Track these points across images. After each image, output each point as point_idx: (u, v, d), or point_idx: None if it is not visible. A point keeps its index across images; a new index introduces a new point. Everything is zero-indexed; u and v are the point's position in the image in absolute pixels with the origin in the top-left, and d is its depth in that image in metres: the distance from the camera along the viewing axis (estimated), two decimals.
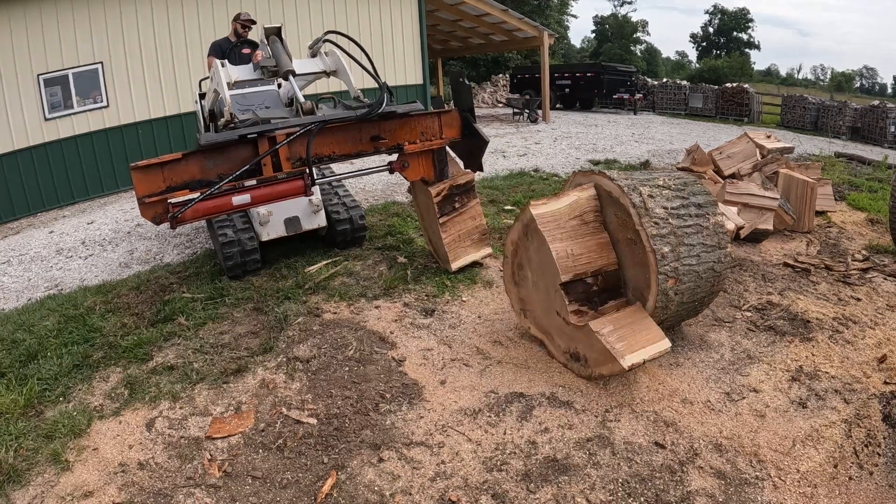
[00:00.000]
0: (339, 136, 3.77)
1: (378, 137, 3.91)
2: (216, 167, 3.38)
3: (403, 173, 4.15)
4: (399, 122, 3.98)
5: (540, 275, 3.37)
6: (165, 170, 3.25)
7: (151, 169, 3.20)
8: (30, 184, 8.45)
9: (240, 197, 3.40)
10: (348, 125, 3.77)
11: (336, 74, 4.45)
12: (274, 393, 3.16)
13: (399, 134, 4.02)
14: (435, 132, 4.17)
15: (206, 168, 3.35)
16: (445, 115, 4.23)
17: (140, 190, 3.20)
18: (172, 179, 3.28)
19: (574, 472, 2.51)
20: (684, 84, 23.08)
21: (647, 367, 3.29)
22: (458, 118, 4.26)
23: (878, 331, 3.77)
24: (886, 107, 16.78)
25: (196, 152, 3.33)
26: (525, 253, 3.48)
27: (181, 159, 3.27)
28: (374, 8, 12.60)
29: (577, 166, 9.44)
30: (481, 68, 31.97)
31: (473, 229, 4.62)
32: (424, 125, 4.12)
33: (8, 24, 7.94)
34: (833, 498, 2.37)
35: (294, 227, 4.96)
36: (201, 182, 3.35)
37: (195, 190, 3.31)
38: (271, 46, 4.28)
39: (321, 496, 2.41)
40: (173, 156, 3.25)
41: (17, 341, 3.85)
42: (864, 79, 76.75)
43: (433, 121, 4.17)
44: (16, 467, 2.60)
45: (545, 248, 3.19)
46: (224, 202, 3.39)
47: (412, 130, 4.08)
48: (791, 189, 5.94)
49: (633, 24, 60.80)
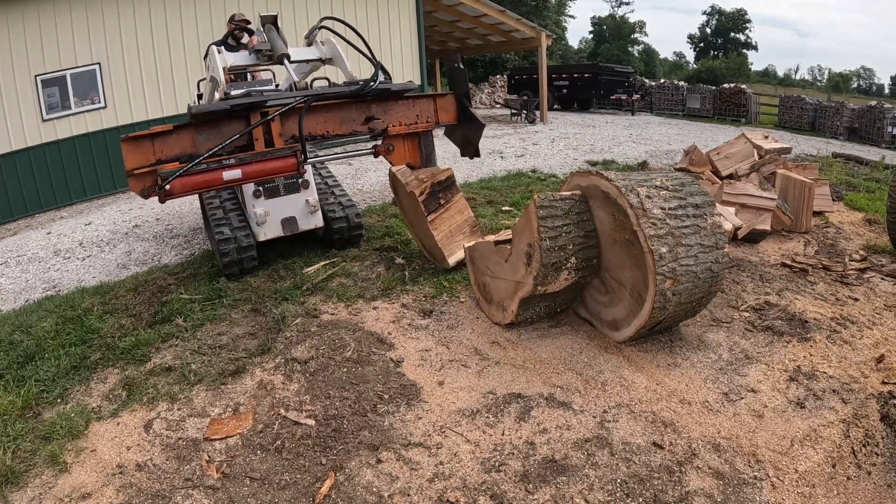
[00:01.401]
0: (332, 115, 3.72)
1: (372, 118, 3.85)
2: (208, 141, 3.30)
3: (389, 157, 4.04)
4: (394, 103, 3.90)
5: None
6: (156, 142, 3.16)
7: (142, 141, 3.12)
8: (27, 185, 8.43)
9: (231, 172, 3.29)
10: (342, 104, 3.71)
11: (332, 62, 4.43)
12: (272, 394, 3.16)
13: (394, 116, 3.93)
14: (430, 115, 4.11)
15: (197, 141, 3.28)
16: (441, 98, 4.18)
17: (130, 162, 3.12)
18: (163, 152, 3.21)
19: (572, 473, 2.51)
20: (682, 85, 23.13)
21: (645, 368, 3.30)
22: (453, 102, 4.22)
23: (876, 331, 3.78)
24: (884, 107, 16.83)
25: (188, 125, 3.26)
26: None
27: (172, 131, 3.20)
28: (371, 8, 12.61)
29: (574, 167, 9.45)
30: (479, 69, 31.97)
31: (463, 223, 4.61)
32: (420, 108, 4.07)
33: (6, 24, 7.93)
34: (831, 498, 2.38)
35: (291, 227, 4.95)
36: (192, 156, 3.27)
37: (185, 164, 3.23)
38: (267, 34, 4.26)
39: (319, 497, 2.41)
40: (164, 127, 3.18)
41: (14, 342, 3.84)
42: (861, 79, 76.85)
43: (428, 104, 4.12)
44: (14, 469, 2.60)
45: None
46: (214, 177, 3.27)
47: (407, 113, 4.00)
48: (789, 189, 5.95)
49: (631, 25, 60.90)
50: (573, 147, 11.78)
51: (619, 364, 3.33)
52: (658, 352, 3.48)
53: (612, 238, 3.23)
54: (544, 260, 3.22)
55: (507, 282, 3.59)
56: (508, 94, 23.55)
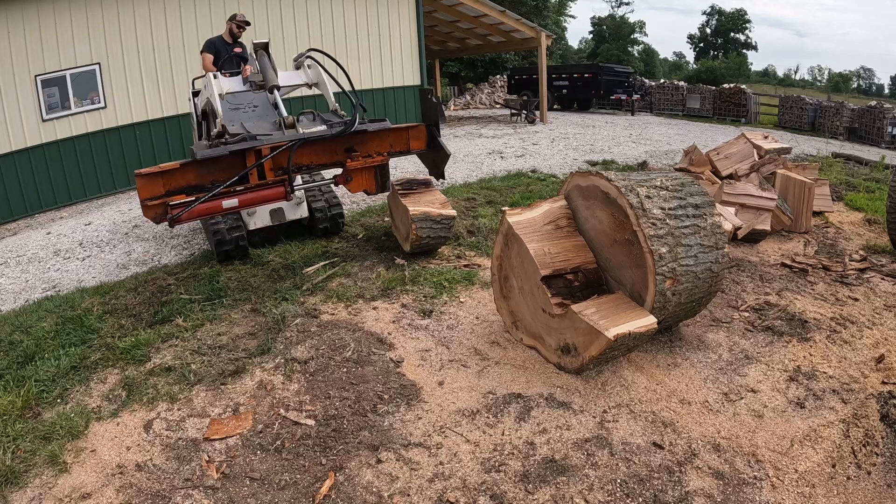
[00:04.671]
0: (316, 148, 4.19)
1: (351, 149, 4.32)
2: (209, 174, 3.82)
3: (347, 186, 4.48)
4: (371, 133, 4.35)
5: (524, 278, 3.47)
6: (165, 177, 3.67)
7: (153, 176, 3.62)
8: (27, 185, 8.42)
9: (229, 201, 3.81)
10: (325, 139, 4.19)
11: (317, 86, 4.88)
12: (272, 394, 3.16)
13: (370, 145, 4.40)
14: (403, 144, 4.61)
15: (200, 175, 3.79)
16: (413, 128, 4.64)
17: (143, 193, 3.61)
18: (171, 185, 3.70)
19: (572, 473, 2.51)
20: (682, 85, 23.10)
21: (645, 368, 3.30)
22: (424, 131, 4.68)
23: (876, 331, 3.78)
24: (884, 107, 16.83)
25: (192, 162, 3.74)
26: (508, 262, 3.61)
27: (179, 168, 3.69)
28: (371, 8, 12.60)
29: (574, 167, 9.45)
30: (479, 69, 31.99)
31: (434, 200, 5.07)
32: (393, 138, 4.53)
33: (6, 24, 7.92)
34: (831, 498, 2.38)
35: (279, 217, 5.54)
36: (196, 188, 3.78)
37: (191, 194, 3.73)
38: (259, 60, 4.65)
39: (319, 497, 2.41)
40: (172, 165, 3.68)
41: (14, 343, 3.84)
42: (861, 79, 76.90)
43: (401, 134, 4.60)
44: (13, 469, 2.59)
45: (524, 249, 3.36)
46: (215, 205, 3.77)
47: (382, 142, 4.48)
48: (788, 189, 5.95)
49: (631, 25, 60.86)
50: (573, 147, 11.78)
51: (618, 364, 3.33)
52: (658, 352, 3.48)
53: (612, 238, 3.23)
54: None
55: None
56: (508, 95, 23.54)
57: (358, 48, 12.50)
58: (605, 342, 2.83)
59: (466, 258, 5.16)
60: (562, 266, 3.31)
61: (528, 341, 3.56)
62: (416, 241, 4.86)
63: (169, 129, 9.75)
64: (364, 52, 12.63)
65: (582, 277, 3.36)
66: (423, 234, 4.83)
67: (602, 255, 3.37)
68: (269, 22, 10.75)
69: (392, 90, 13.36)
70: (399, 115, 13.58)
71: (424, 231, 4.83)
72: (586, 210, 3.40)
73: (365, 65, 12.68)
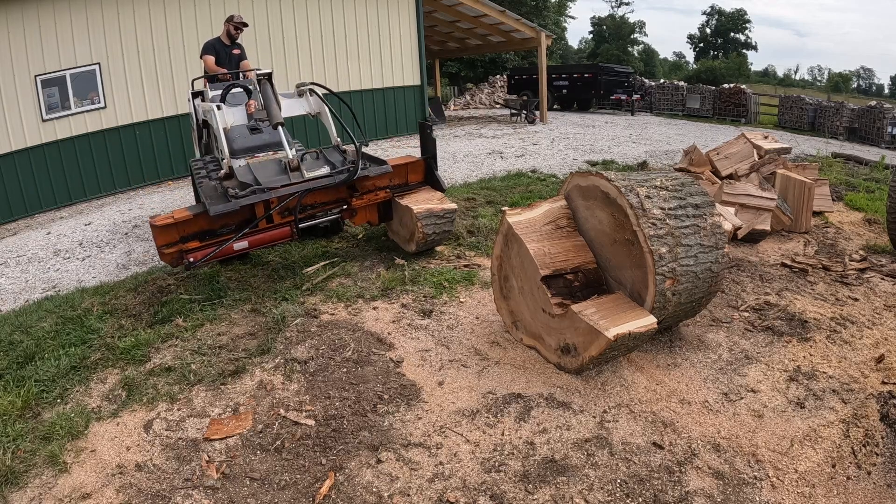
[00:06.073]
0: (321, 190, 4.45)
1: (353, 187, 4.67)
2: (220, 220, 4.16)
3: (352, 220, 4.93)
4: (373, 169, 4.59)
5: (524, 278, 3.47)
6: (179, 225, 3.98)
7: (168, 226, 3.94)
8: (27, 185, 8.42)
9: (240, 244, 4.21)
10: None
11: (319, 116, 4.92)
12: (272, 394, 3.16)
13: (372, 181, 4.74)
14: (402, 178, 5.01)
15: (211, 222, 4.13)
16: (413, 163, 5.01)
17: (159, 241, 3.94)
18: (185, 231, 4.03)
19: (572, 473, 2.51)
20: (682, 85, 23.10)
21: (645, 368, 3.30)
22: (423, 165, 5.06)
23: (876, 331, 3.78)
24: (884, 107, 16.83)
25: (204, 211, 4.00)
26: (508, 262, 3.60)
27: (192, 218, 4.02)
28: (371, 8, 12.60)
29: (574, 167, 9.45)
30: (479, 69, 32.00)
31: (431, 196, 5.09)
32: (394, 173, 4.86)
33: (5, 24, 7.92)
34: (831, 498, 2.38)
35: None
36: (207, 232, 4.14)
37: (204, 239, 4.11)
38: (262, 92, 4.70)
39: (319, 497, 2.41)
40: (185, 215, 4.00)
41: (14, 343, 3.84)
42: (861, 79, 76.91)
43: (401, 169, 4.95)
44: (13, 469, 2.59)
45: (524, 249, 3.36)
46: (227, 248, 4.15)
47: (382, 178, 4.81)
48: (788, 189, 5.95)
49: (631, 25, 60.87)
50: (573, 147, 11.78)
51: (618, 364, 3.33)
52: (658, 352, 3.48)
53: (612, 238, 3.23)
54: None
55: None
56: (508, 95, 23.52)
57: (358, 48, 12.50)
58: (605, 342, 2.83)
59: (466, 258, 5.16)
60: (562, 266, 3.32)
61: (528, 341, 3.56)
62: (422, 240, 4.80)
63: (169, 130, 9.75)
64: (364, 52, 12.63)
65: (582, 277, 3.36)
66: (430, 230, 4.77)
67: (602, 255, 3.37)
68: (269, 22, 10.74)
69: (392, 90, 13.36)
70: (399, 116, 13.59)
71: (430, 228, 4.77)
72: (586, 210, 3.40)
73: (365, 65, 12.68)
